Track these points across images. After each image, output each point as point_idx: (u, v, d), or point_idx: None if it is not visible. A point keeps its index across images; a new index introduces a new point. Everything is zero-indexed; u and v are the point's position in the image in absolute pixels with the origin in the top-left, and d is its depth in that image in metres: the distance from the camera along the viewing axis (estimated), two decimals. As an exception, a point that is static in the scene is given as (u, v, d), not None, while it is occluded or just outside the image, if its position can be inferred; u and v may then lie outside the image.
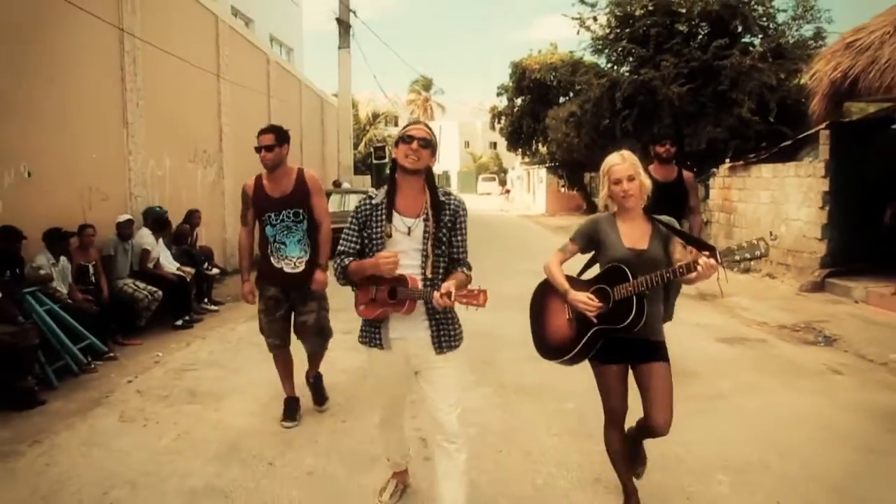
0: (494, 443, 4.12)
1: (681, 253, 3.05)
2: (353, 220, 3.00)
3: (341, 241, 3.02)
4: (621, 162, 3.05)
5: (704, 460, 3.87)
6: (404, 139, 2.90)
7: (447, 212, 2.95)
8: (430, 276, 2.89)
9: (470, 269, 3.02)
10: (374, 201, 2.98)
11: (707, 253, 2.80)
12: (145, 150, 8.64)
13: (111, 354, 6.32)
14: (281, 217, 4.35)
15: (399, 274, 2.85)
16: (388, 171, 2.99)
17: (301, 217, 4.38)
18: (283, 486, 3.61)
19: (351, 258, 2.97)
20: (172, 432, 4.43)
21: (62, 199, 6.89)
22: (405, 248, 2.91)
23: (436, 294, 2.74)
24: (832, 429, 4.43)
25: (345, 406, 4.89)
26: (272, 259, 4.40)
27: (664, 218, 3.12)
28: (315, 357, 4.79)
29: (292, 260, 4.39)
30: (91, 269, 6.83)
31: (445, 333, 2.94)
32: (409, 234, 2.92)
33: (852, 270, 9.39)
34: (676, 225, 3.12)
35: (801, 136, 10.71)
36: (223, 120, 11.59)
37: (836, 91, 8.00)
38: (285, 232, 4.37)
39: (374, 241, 2.93)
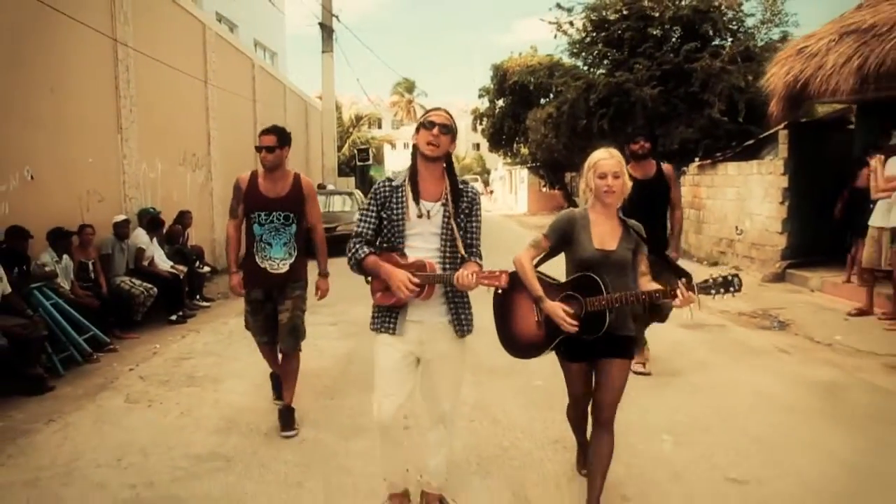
0: (467, 413, 4.58)
1: (645, 265, 3.16)
2: (372, 202, 3.01)
3: (358, 223, 3.01)
4: (609, 157, 3.11)
5: (653, 425, 4.36)
6: (425, 125, 2.92)
7: (465, 199, 3.00)
8: (462, 254, 2.93)
9: (481, 258, 3.04)
10: (394, 183, 3.00)
11: (685, 281, 2.92)
12: (139, 154, 9.04)
13: (111, 346, 6.73)
14: (271, 218, 4.37)
15: (416, 259, 2.90)
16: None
17: (291, 221, 4.41)
18: (279, 452, 4.06)
19: (368, 246, 2.96)
20: (175, 411, 4.86)
21: (62, 200, 7.28)
22: (422, 231, 2.95)
23: (461, 272, 2.79)
24: (770, 397, 4.95)
25: (333, 387, 5.34)
26: (256, 258, 4.40)
27: (634, 223, 3.20)
28: (289, 370, 4.58)
29: (276, 261, 4.39)
30: (91, 267, 7.24)
31: (465, 317, 3.02)
32: (428, 217, 2.94)
33: (810, 262, 9.96)
34: (643, 232, 3.21)
35: (762, 135, 11.30)
36: (211, 125, 11.99)
37: (790, 93, 8.55)
38: (273, 233, 4.38)
39: (394, 223, 2.95)
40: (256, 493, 3.55)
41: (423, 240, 2.95)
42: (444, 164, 3.02)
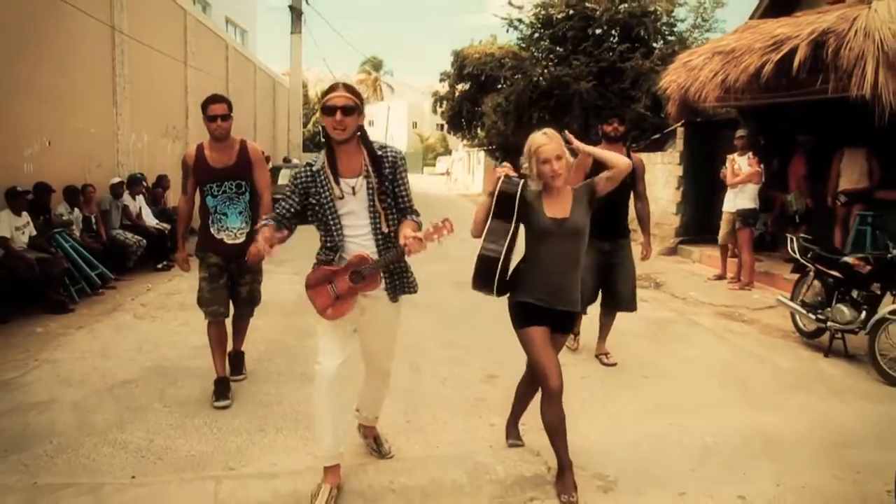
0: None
1: (603, 186, 3.25)
2: (292, 188, 3.03)
3: (277, 205, 3.11)
4: (548, 142, 3.11)
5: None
6: (327, 110, 2.83)
7: (386, 164, 2.97)
8: (386, 230, 2.98)
9: (418, 214, 3.11)
10: (314, 168, 2.98)
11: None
12: (129, 127, 10.53)
13: (111, 285, 8.28)
14: (223, 188, 4.35)
15: (353, 256, 2.98)
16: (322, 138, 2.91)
17: (244, 189, 4.39)
18: (255, 345, 5.66)
19: (273, 223, 3.05)
20: (175, 323, 6.53)
21: (70, 164, 8.79)
22: (353, 209, 2.97)
23: (407, 238, 2.80)
24: (614, 327, 6.77)
25: (293, 310, 6.93)
26: (212, 229, 4.40)
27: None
28: (242, 326, 4.91)
29: (233, 231, 4.40)
30: (93, 220, 8.76)
31: (399, 283, 3.15)
32: (354, 194, 2.94)
33: (698, 239, 11.91)
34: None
35: (665, 130, 13.21)
36: (189, 101, 13.42)
37: (679, 98, 10.38)
38: (227, 203, 4.37)
39: (325, 206, 2.96)
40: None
41: (355, 217, 3.00)
42: (359, 135, 2.97)
